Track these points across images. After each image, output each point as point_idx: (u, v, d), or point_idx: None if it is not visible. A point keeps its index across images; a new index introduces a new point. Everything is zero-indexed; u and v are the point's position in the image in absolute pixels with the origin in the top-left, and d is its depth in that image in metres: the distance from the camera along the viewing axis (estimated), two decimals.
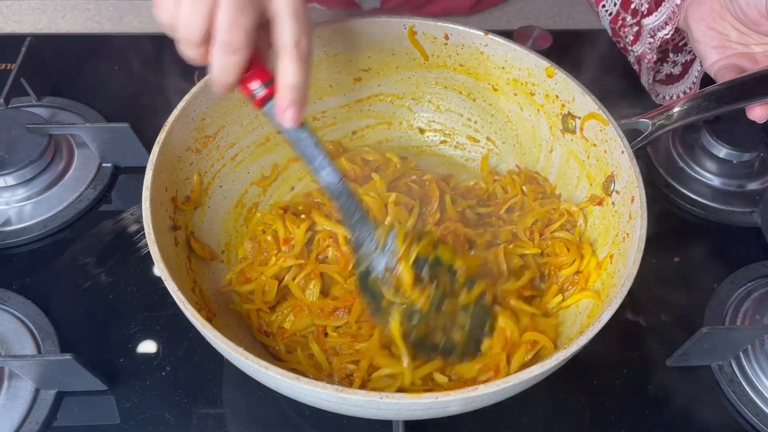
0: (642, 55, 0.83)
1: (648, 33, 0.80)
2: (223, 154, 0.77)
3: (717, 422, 0.71)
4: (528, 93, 0.81)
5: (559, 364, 0.56)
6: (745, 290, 0.79)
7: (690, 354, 0.71)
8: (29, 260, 0.80)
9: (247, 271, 0.73)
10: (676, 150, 0.93)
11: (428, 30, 0.81)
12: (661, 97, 0.90)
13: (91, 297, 0.77)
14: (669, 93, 0.89)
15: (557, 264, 0.74)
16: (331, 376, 0.66)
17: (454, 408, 0.56)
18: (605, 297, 0.66)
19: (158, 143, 0.67)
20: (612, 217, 0.71)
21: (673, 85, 0.89)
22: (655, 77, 0.89)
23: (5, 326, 0.73)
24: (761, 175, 0.91)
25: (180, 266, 0.67)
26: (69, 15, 1.12)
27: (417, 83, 0.86)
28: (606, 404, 0.71)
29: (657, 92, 0.90)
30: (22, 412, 0.67)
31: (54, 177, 0.86)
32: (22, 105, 0.93)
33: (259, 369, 0.53)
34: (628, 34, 0.83)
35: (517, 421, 0.70)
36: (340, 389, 0.52)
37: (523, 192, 0.80)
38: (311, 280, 0.71)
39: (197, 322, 0.56)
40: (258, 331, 0.70)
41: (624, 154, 0.69)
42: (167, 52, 1.03)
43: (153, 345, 0.74)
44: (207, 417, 0.69)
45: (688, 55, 0.85)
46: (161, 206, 0.67)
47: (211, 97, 0.74)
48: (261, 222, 0.76)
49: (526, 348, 0.65)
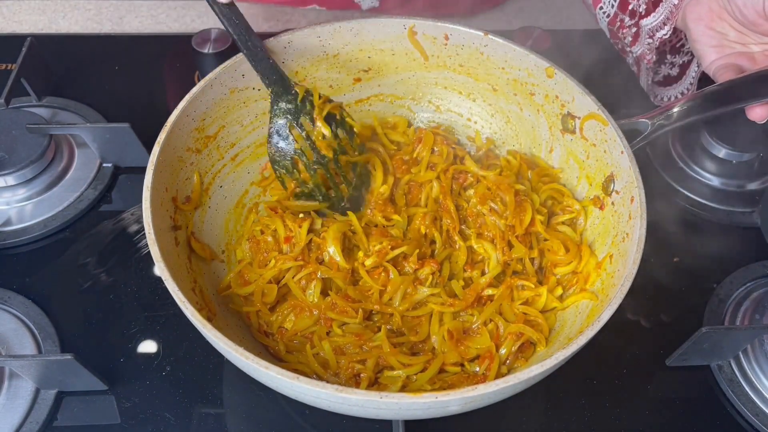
0: (641, 56, 0.83)
1: (646, 33, 0.80)
2: (223, 154, 0.77)
3: (716, 422, 0.71)
4: (528, 93, 0.81)
5: (559, 363, 0.56)
6: (744, 290, 0.79)
7: (689, 354, 0.71)
8: (30, 260, 0.80)
9: (245, 273, 0.73)
10: (675, 150, 0.93)
11: (428, 30, 0.81)
12: (660, 99, 0.90)
13: (92, 297, 0.77)
14: (667, 94, 0.89)
15: (554, 261, 0.74)
16: (337, 375, 0.66)
17: (454, 408, 0.56)
18: (605, 297, 0.66)
19: (158, 143, 0.67)
20: (612, 217, 0.71)
21: (671, 86, 0.89)
22: (653, 79, 0.89)
23: (5, 326, 0.73)
24: (761, 175, 0.91)
25: (180, 266, 0.67)
26: (69, 15, 1.12)
27: (417, 83, 0.86)
28: (606, 404, 0.71)
29: (656, 94, 0.90)
30: (23, 411, 0.67)
31: (54, 177, 0.86)
32: (22, 105, 0.93)
33: (259, 369, 0.54)
34: (627, 35, 0.83)
35: (517, 421, 0.70)
36: (339, 389, 0.52)
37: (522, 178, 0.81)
38: (312, 280, 0.71)
39: (197, 322, 0.56)
40: (258, 331, 0.71)
41: (623, 154, 0.69)
42: (167, 52, 1.03)
43: (153, 345, 0.74)
44: (207, 417, 0.69)
45: (686, 56, 0.85)
46: (161, 206, 0.67)
47: (212, 97, 0.74)
48: (259, 222, 0.77)
49: (513, 339, 0.67)
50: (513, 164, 0.80)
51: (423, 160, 0.80)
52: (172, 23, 1.12)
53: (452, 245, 0.76)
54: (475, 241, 0.75)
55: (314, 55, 0.80)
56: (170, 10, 1.14)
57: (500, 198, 0.76)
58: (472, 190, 0.78)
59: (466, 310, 0.70)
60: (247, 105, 0.78)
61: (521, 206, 0.75)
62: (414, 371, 0.65)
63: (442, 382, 0.66)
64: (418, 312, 0.70)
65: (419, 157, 0.81)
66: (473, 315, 0.70)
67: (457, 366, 0.67)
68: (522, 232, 0.74)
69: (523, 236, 0.74)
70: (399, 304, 0.70)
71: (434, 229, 0.76)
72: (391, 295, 0.70)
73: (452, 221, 0.76)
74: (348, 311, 0.69)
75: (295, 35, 0.78)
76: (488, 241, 0.75)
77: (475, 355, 0.68)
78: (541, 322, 0.69)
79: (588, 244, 0.74)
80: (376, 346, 0.67)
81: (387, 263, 0.71)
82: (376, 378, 0.66)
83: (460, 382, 0.66)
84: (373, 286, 0.71)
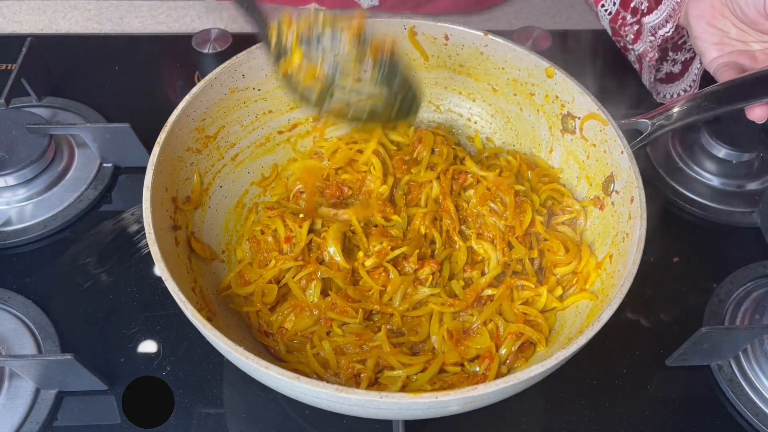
0: (643, 54, 0.83)
1: (649, 31, 0.80)
2: (223, 155, 0.77)
3: (716, 422, 0.71)
4: (527, 93, 0.81)
5: (559, 363, 0.56)
6: (744, 290, 0.79)
7: (689, 354, 0.71)
8: (30, 260, 0.80)
9: (245, 273, 0.73)
10: (675, 150, 0.93)
11: (428, 30, 0.81)
12: (662, 96, 0.91)
13: (92, 297, 0.77)
14: (670, 92, 0.90)
15: (553, 261, 0.74)
16: (338, 375, 0.66)
17: (454, 408, 0.56)
18: (605, 297, 0.66)
19: (159, 143, 0.67)
20: (611, 217, 0.71)
21: (673, 83, 0.89)
22: (656, 76, 0.89)
23: (6, 326, 0.73)
24: (761, 175, 0.91)
25: (180, 266, 0.67)
26: (69, 15, 1.12)
27: (417, 83, 0.86)
28: (606, 404, 0.71)
29: (658, 91, 0.91)
30: (23, 411, 0.67)
31: (54, 177, 0.86)
32: (22, 105, 0.93)
33: (259, 369, 0.54)
34: (629, 33, 0.83)
35: (517, 421, 0.70)
36: (339, 389, 0.52)
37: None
38: (312, 280, 0.71)
39: (197, 322, 0.56)
40: (258, 331, 0.71)
41: (623, 154, 0.69)
42: (167, 52, 1.03)
43: (153, 345, 0.74)
44: (207, 417, 0.69)
45: (688, 53, 0.85)
46: (162, 206, 0.67)
47: (212, 98, 0.74)
48: (259, 222, 0.77)
49: (513, 339, 0.67)
50: (513, 164, 0.80)
51: (423, 160, 0.80)
52: (172, 23, 1.12)
53: (452, 245, 0.76)
54: (475, 242, 0.75)
55: None
56: (170, 10, 1.14)
57: (500, 199, 0.76)
58: (472, 191, 0.78)
59: (466, 310, 0.70)
60: (247, 105, 0.78)
61: (521, 207, 0.75)
62: (414, 371, 0.65)
63: (442, 382, 0.66)
64: (418, 312, 0.70)
65: (419, 157, 0.81)
66: (473, 315, 0.70)
67: (457, 366, 0.67)
68: (522, 234, 0.74)
69: (522, 237, 0.74)
70: (399, 304, 0.70)
71: (434, 229, 0.76)
72: (391, 295, 0.70)
73: (452, 222, 0.76)
74: (348, 311, 0.69)
75: None
76: (488, 242, 0.75)
77: (475, 355, 0.68)
78: (541, 322, 0.69)
79: (588, 244, 0.74)
80: (376, 346, 0.67)
81: (387, 263, 0.71)
82: (376, 378, 0.66)
83: (460, 382, 0.66)
84: (373, 286, 0.71)
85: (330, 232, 0.72)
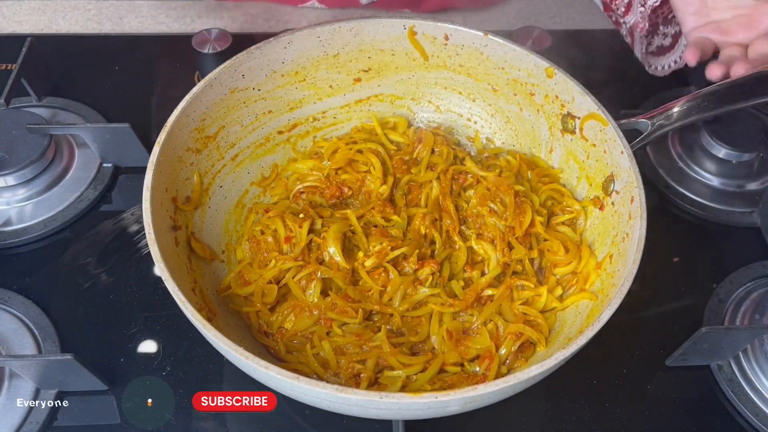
0: (634, 25, 0.86)
1: (639, 2, 0.82)
2: (223, 155, 0.77)
3: (716, 422, 0.71)
4: (527, 93, 0.81)
5: (559, 363, 0.56)
6: (744, 290, 0.79)
7: (689, 354, 0.71)
8: (30, 260, 0.80)
9: (245, 273, 0.73)
10: (675, 150, 0.93)
11: (428, 30, 0.81)
12: (654, 68, 0.94)
13: (92, 297, 0.77)
14: (661, 63, 0.94)
15: (553, 261, 0.74)
16: (338, 376, 0.66)
17: (454, 408, 0.56)
18: (605, 297, 0.66)
19: (158, 143, 0.67)
20: (612, 218, 0.71)
21: (664, 55, 0.93)
22: (647, 49, 0.92)
23: (5, 326, 0.73)
24: (761, 175, 0.91)
25: (180, 266, 0.67)
26: (69, 15, 1.12)
27: (417, 83, 0.86)
28: (606, 404, 0.71)
29: (650, 63, 0.94)
30: (23, 411, 0.67)
31: (54, 177, 0.86)
32: (22, 105, 0.93)
33: (259, 369, 0.54)
34: (620, 6, 0.86)
35: (517, 421, 0.70)
36: (339, 389, 0.52)
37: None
38: (312, 280, 0.71)
39: (197, 322, 0.56)
40: (258, 331, 0.71)
41: (623, 154, 0.69)
42: (167, 52, 1.03)
43: (153, 345, 0.74)
44: (207, 417, 0.69)
45: (677, 27, 0.90)
46: (161, 206, 0.67)
47: (211, 97, 0.74)
48: (259, 222, 0.77)
49: (512, 339, 0.67)
50: (513, 164, 0.80)
51: (423, 160, 0.80)
52: (172, 23, 1.12)
53: (452, 246, 0.76)
54: (475, 242, 0.75)
55: (314, 55, 0.80)
56: (170, 10, 1.14)
57: (500, 199, 0.76)
58: (472, 191, 0.78)
59: (465, 311, 0.70)
60: (247, 105, 0.78)
61: (521, 208, 0.75)
62: (414, 371, 0.65)
63: (442, 382, 0.66)
64: (418, 312, 0.70)
65: (419, 157, 0.81)
66: (473, 315, 0.70)
67: (457, 366, 0.67)
68: (522, 234, 0.74)
69: (522, 237, 0.74)
70: (399, 304, 0.70)
71: (434, 229, 0.76)
72: (391, 295, 0.70)
73: (452, 222, 0.76)
74: (348, 311, 0.69)
75: (295, 35, 0.78)
76: (488, 242, 0.75)
77: (474, 355, 0.68)
78: (541, 322, 0.69)
79: (588, 245, 0.74)
80: (376, 346, 0.67)
81: (387, 263, 0.71)
82: (376, 378, 0.66)
83: (460, 382, 0.66)
84: (373, 286, 0.71)
85: (330, 232, 0.72)
